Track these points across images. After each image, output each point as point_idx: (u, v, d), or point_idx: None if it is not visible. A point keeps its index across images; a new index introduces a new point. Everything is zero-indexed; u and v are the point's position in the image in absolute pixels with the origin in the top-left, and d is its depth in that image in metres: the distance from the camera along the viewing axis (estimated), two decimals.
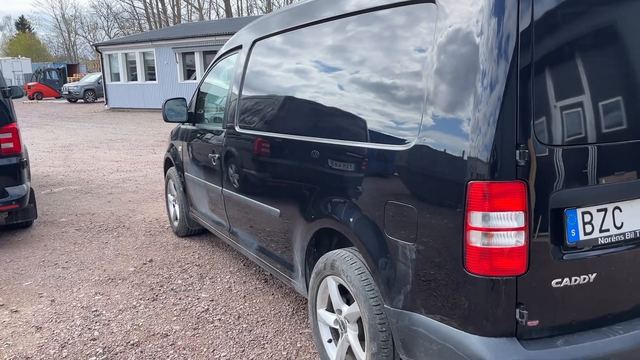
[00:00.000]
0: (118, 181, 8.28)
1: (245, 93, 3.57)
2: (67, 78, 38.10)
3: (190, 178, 4.61)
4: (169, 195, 5.41)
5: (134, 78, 24.60)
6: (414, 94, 2.11)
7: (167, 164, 5.37)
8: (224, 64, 4.21)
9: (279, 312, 3.52)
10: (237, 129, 3.56)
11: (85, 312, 3.60)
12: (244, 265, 4.40)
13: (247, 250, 3.66)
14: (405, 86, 2.16)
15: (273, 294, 3.80)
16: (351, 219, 2.40)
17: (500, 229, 1.83)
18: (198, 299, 3.76)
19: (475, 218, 1.84)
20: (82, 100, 30.56)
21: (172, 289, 3.94)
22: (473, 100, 1.85)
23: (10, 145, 5.06)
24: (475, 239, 1.85)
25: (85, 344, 3.15)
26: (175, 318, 3.47)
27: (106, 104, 25.34)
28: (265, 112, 3.27)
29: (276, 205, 3.09)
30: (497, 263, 1.84)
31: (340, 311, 2.59)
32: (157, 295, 3.83)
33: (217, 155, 3.87)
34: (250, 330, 3.27)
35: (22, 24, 67.35)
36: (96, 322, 3.43)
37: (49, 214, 6.34)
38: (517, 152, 1.79)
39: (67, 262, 4.62)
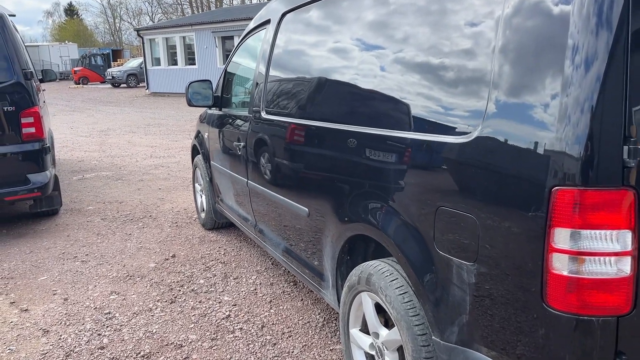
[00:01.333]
0: (150, 167, 8.05)
1: (272, 74, 3.15)
2: (112, 63, 38.76)
3: (216, 167, 4.24)
4: (196, 184, 5.08)
5: (175, 62, 24.59)
6: (477, 76, 1.64)
7: (194, 151, 5.03)
8: (251, 42, 3.79)
9: (308, 322, 3.11)
10: (263, 114, 3.15)
11: (98, 314, 3.29)
12: (272, 264, 4.02)
13: (273, 251, 3.27)
14: (467, 67, 1.69)
15: (302, 300, 3.40)
16: (392, 227, 1.95)
17: (595, 252, 1.35)
18: (220, 302, 3.39)
19: (561, 236, 1.37)
20: (125, 85, 30.94)
21: (192, 290, 3.59)
22: (560, 82, 1.37)
23: (32, 130, 4.81)
24: (560, 265, 1.38)
25: (92, 353, 2.84)
26: (192, 325, 3.11)
27: (147, 88, 25.48)
28: (295, 95, 2.84)
29: (304, 203, 2.67)
30: (591, 298, 1.37)
31: (377, 335, 2.16)
32: (175, 297, 3.49)
33: (242, 144, 3.47)
34: (275, 344, 2.88)
35: (70, 10, 68.87)
36: (107, 327, 3.12)
37: (77, 201, 6.13)
38: (626, 148, 1.30)
39: (87, 255, 4.36)
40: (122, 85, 31.09)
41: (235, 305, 3.35)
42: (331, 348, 2.83)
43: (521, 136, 1.46)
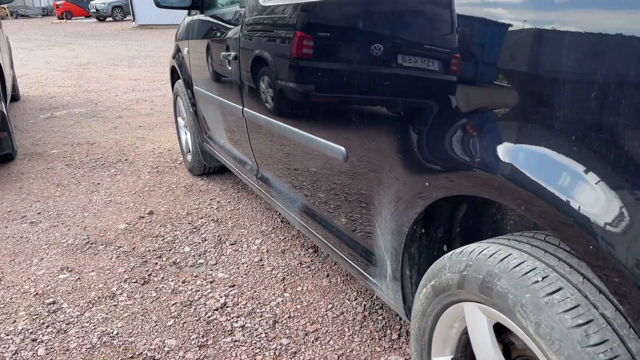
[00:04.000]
0: (131, 102, 6.91)
1: None
2: None
3: (201, 93, 3.14)
4: (179, 118, 3.99)
5: None
6: None
7: (174, 74, 3.90)
8: None
9: (341, 313, 2.13)
10: (262, 0, 2.02)
11: (38, 304, 2.30)
12: (281, 221, 3.00)
13: (285, 209, 2.24)
14: None
15: (329, 276, 2.40)
16: (575, 187, 0.89)
17: None
18: (212, 282, 2.40)
19: None
20: (110, 19, 28.97)
21: (174, 263, 2.60)
22: None
23: None
24: None
25: None
26: (171, 321, 2.13)
27: (133, 21, 23.70)
28: None
29: (338, 140, 1.60)
30: None
31: None
32: (150, 275, 2.50)
33: (232, 54, 2.36)
34: (295, 354, 1.90)
35: None
36: (47, 327, 2.14)
37: (40, 143, 5.05)
38: None
39: (39, 213, 3.34)
40: (107, 19, 29.11)
41: (234, 286, 2.36)
42: (385, 359, 1.85)
43: None
